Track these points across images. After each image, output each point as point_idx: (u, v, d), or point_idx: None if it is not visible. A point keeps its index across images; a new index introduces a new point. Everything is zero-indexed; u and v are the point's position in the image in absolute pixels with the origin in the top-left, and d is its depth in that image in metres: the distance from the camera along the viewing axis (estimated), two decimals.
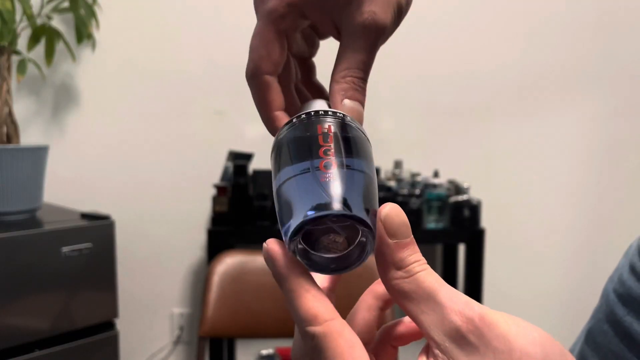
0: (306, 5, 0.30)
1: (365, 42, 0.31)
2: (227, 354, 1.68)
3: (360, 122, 0.31)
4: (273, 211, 1.64)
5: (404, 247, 0.26)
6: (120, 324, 1.32)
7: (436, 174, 1.68)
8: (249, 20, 0.32)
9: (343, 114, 0.29)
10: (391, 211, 0.26)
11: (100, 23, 1.56)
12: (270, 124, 0.33)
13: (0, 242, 1.07)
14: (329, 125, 0.28)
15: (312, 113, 0.29)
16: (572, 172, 1.90)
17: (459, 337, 0.24)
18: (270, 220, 1.52)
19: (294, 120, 0.30)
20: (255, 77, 0.32)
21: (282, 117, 0.33)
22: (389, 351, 0.30)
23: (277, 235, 0.28)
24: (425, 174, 1.67)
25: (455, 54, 1.82)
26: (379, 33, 0.31)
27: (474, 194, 1.62)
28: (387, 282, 0.26)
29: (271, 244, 0.27)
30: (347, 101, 0.31)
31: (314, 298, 0.25)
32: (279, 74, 0.32)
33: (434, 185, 1.56)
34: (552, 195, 1.90)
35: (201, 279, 1.77)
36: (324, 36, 0.35)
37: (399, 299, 0.26)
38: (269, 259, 0.27)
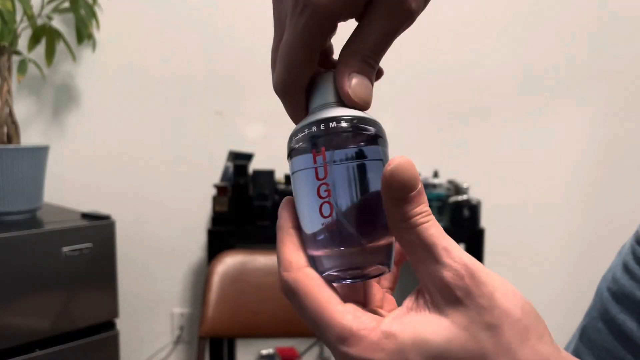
0: None
1: (389, 25, 0.28)
2: (227, 354, 1.68)
3: (368, 100, 0.30)
4: (273, 211, 1.63)
5: (409, 201, 0.26)
6: (121, 323, 1.32)
7: (436, 174, 1.69)
8: (249, 20, 0.32)
9: (344, 120, 0.28)
10: (397, 168, 0.26)
11: (100, 23, 1.56)
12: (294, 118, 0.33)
13: (1, 242, 1.07)
14: (323, 149, 0.28)
15: (307, 132, 0.29)
16: (572, 172, 1.90)
17: (448, 290, 0.25)
18: (270, 220, 1.52)
19: (293, 141, 0.29)
20: (286, 96, 0.31)
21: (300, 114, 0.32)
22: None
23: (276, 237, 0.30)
24: (425, 174, 1.68)
25: (455, 54, 1.83)
26: (406, 19, 0.28)
27: (474, 194, 1.62)
28: (393, 231, 0.28)
29: (285, 199, 0.30)
30: (355, 76, 0.29)
31: (293, 249, 0.28)
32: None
33: (434, 185, 1.56)
34: (552, 196, 1.90)
35: (201, 279, 1.77)
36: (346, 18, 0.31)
37: (402, 247, 0.27)
38: (279, 211, 0.30)
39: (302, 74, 0.29)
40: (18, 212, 1.21)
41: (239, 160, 1.58)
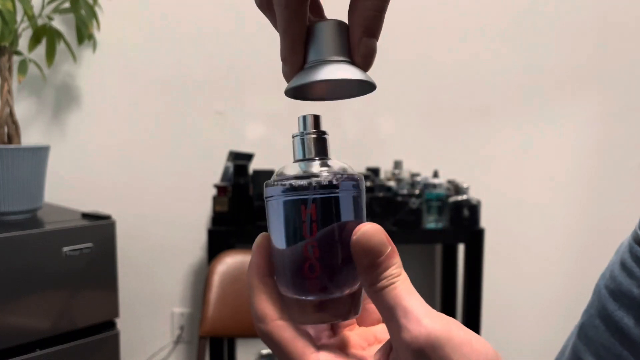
0: None
1: None
2: (227, 354, 1.68)
3: (372, 59, 0.31)
4: None
5: (377, 266, 0.27)
6: (121, 323, 1.32)
7: (436, 174, 1.69)
8: (249, 20, 0.32)
9: (333, 180, 0.29)
10: (362, 236, 0.28)
11: (100, 23, 1.56)
12: (290, 57, 0.31)
13: (1, 242, 1.07)
14: (313, 206, 0.28)
15: (297, 186, 0.29)
16: (571, 172, 1.90)
17: (407, 354, 0.26)
18: None
19: (280, 186, 0.29)
20: (290, 5, 0.29)
21: (300, 51, 0.31)
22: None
23: None
24: (425, 174, 1.68)
25: (455, 54, 1.83)
26: None
27: (474, 194, 1.62)
28: (365, 291, 0.29)
29: (258, 241, 0.30)
30: (365, 40, 0.30)
31: (265, 300, 0.29)
32: None
33: (434, 185, 1.57)
34: (552, 196, 1.90)
35: (201, 279, 1.77)
36: None
37: (376, 306, 0.28)
38: (252, 251, 0.31)
39: None
40: (18, 212, 1.21)
41: (239, 160, 1.58)
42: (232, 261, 1.34)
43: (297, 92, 0.32)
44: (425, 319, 0.26)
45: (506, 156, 1.88)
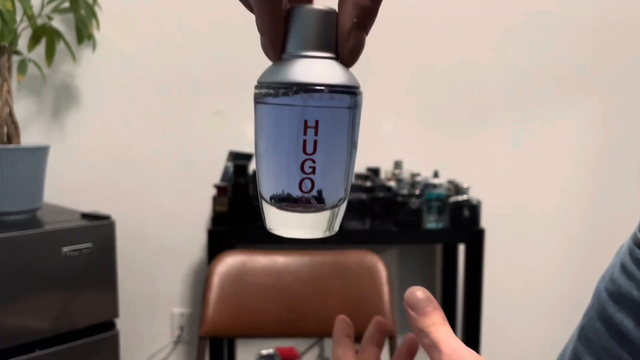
0: None
1: None
2: (227, 354, 1.68)
3: (359, 54, 0.29)
4: None
5: (424, 315, 0.35)
6: (121, 323, 1.32)
7: (436, 174, 1.69)
8: (249, 20, 0.32)
9: (331, 89, 0.27)
10: (410, 295, 0.35)
11: (100, 23, 1.56)
12: (274, 45, 0.30)
13: (1, 242, 1.07)
14: (316, 121, 0.27)
15: (298, 90, 0.27)
16: (571, 172, 1.90)
17: None
18: None
19: (280, 92, 0.27)
20: None
21: (279, 41, 0.30)
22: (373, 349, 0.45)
23: (276, 237, 0.33)
24: (425, 174, 1.68)
25: (455, 53, 1.83)
26: None
27: (474, 194, 1.62)
28: (416, 337, 0.36)
29: (339, 320, 0.46)
30: (355, 33, 0.28)
31: (348, 349, 0.43)
32: None
33: (434, 186, 1.56)
34: (552, 196, 1.90)
35: (201, 279, 1.77)
36: None
37: (423, 347, 0.35)
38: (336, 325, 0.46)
39: None
40: (18, 212, 1.21)
41: (239, 160, 1.58)
42: (232, 261, 1.34)
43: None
44: (460, 352, 0.32)
45: (507, 156, 1.87)
